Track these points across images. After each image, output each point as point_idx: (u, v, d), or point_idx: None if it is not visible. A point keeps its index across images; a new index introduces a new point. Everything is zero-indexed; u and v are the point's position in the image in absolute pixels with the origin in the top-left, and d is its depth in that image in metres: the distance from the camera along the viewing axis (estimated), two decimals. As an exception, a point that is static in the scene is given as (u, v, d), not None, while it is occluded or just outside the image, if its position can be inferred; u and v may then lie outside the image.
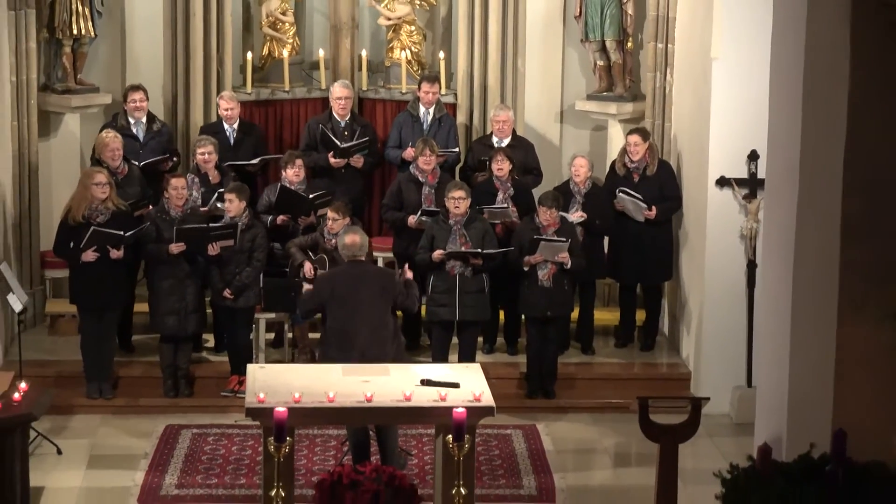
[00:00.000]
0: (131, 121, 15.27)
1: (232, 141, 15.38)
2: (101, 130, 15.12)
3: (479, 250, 14.21)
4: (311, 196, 14.81)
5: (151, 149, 15.21)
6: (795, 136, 10.90)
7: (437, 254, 14.19)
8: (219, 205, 14.61)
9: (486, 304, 14.47)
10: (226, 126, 15.43)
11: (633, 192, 14.94)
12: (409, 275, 12.96)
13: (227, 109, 15.44)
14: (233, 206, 14.37)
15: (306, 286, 13.74)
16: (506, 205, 14.85)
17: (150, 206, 14.59)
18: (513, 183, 14.99)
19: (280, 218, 14.80)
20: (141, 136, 15.26)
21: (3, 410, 9.65)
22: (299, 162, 14.94)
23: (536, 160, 15.53)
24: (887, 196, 10.30)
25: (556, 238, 14.25)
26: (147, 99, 15.34)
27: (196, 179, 14.85)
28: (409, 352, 14.12)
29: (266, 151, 15.68)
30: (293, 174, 14.89)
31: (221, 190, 14.66)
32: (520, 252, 14.35)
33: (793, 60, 10.98)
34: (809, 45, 10.73)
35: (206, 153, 14.96)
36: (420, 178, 14.97)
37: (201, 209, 14.64)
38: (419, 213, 14.81)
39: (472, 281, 14.26)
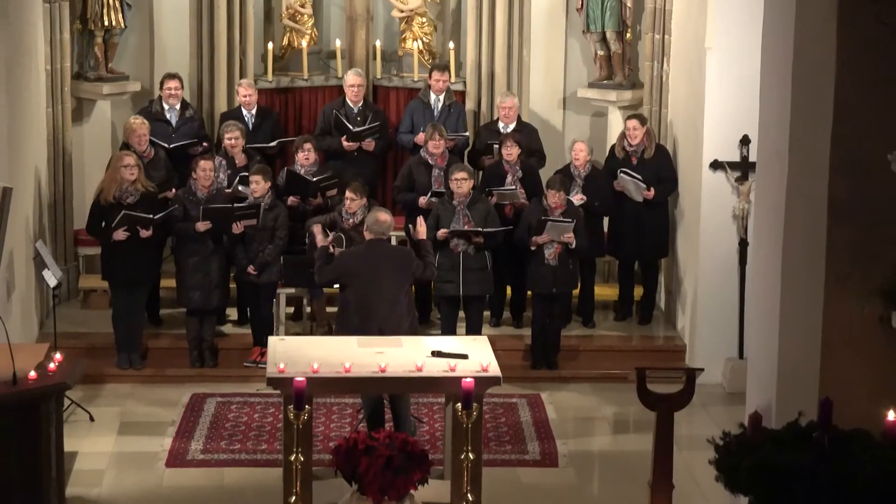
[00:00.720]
0: (165, 107, 15.30)
1: (251, 126, 15.40)
2: (134, 115, 15.16)
3: (481, 229, 14.23)
4: (315, 179, 14.83)
5: (183, 133, 15.23)
6: (784, 122, 10.90)
7: (441, 232, 14.23)
8: (241, 187, 14.63)
9: (489, 280, 14.49)
10: (244, 112, 15.45)
11: (633, 174, 14.94)
12: (422, 230, 12.92)
13: (245, 96, 15.46)
14: (258, 186, 14.41)
15: (320, 244, 13.73)
16: (514, 187, 14.86)
17: (175, 189, 14.61)
18: (521, 166, 15.01)
19: (290, 199, 14.83)
20: (174, 121, 15.28)
21: (38, 380, 9.67)
22: (308, 146, 14.97)
23: (540, 144, 15.55)
24: (872, 178, 10.29)
25: (561, 219, 14.27)
26: (182, 87, 15.39)
27: (223, 162, 14.88)
28: (420, 325, 14.12)
29: (283, 135, 15.73)
30: (303, 157, 14.94)
31: (245, 173, 14.69)
32: (528, 232, 14.37)
33: (782, 50, 10.98)
34: (798, 35, 10.72)
35: (233, 138, 14.99)
36: (430, 162, 14.99)
37: (226, 190, 14.66)
38: (429, 194, 14.83)
39: (475, 258, 14.29)
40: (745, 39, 13.15)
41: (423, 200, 14.80)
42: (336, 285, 13.08)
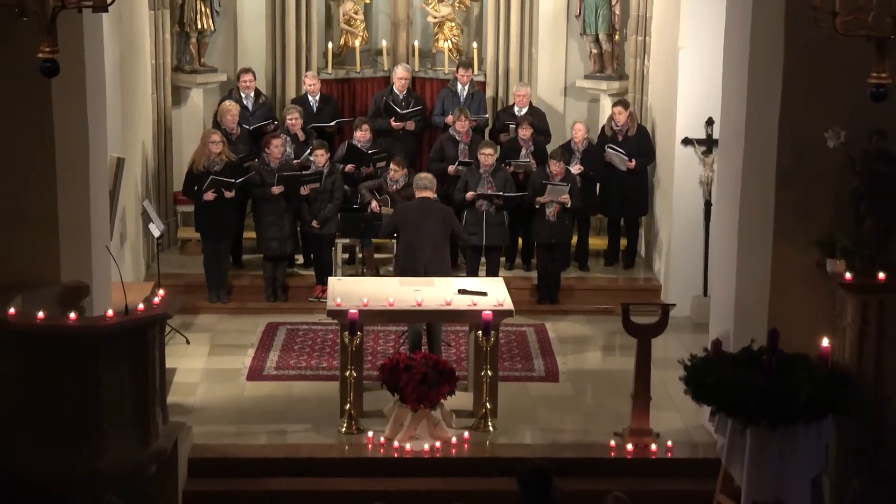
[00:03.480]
0: (242, 95, 15.25)
1: (315, 109, 15.37)
2: (221, 101, 15.17)
3: (501, 193, 14.23)
4: (370, 152, 14.87)
5: (257, 116, 15.20)
6: (742, 107, 10.88)
7: (469, 195, 14.21)
8: (310, 158, 14.66)
9: (505, 233, 14.48)
10: (310, 98, 15.43)
11: (618, 148, 14.93)
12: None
13: (310, 85, 15.45)
14: (321, 158, 14.44)
15: (374, 206, 13.96)
16: (528, 159, 14.87)
17: (255, 159, 14.62)
18: (533, 142, 15.00)
19: (347, 167, 14.83)
20: (250, 106, 15.25)
21: (145, 311, 9.68)
22: (366, 126, 15.00)
23: (546, 124, 15.52)
24: (812, 153, 10.28)
25: (559, 183, 14.26)
26: (255, 79, 15.33)
27: (288, 139, 14.87)
28: (451, 268, 14.13)
29: (341, 116, 15.69)
30: (361, 135, 14.94)
31: (310, 146, 14.71)
32: (533, 194, 14.36)
33: (740, 49, 10.94)
34: (754, 37, 10.70)
35: (293, 118, 14.99)
36: (457, 138, 14.98)
37: (294, 161, 14.67)
38: (457, 163, 14.82)
39: (496, 216, 14.27)
40: (710, 40, 13.07)
41: (451, 169, 14.80)
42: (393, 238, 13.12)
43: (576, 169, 14.75)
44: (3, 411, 9.41)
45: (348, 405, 11.31)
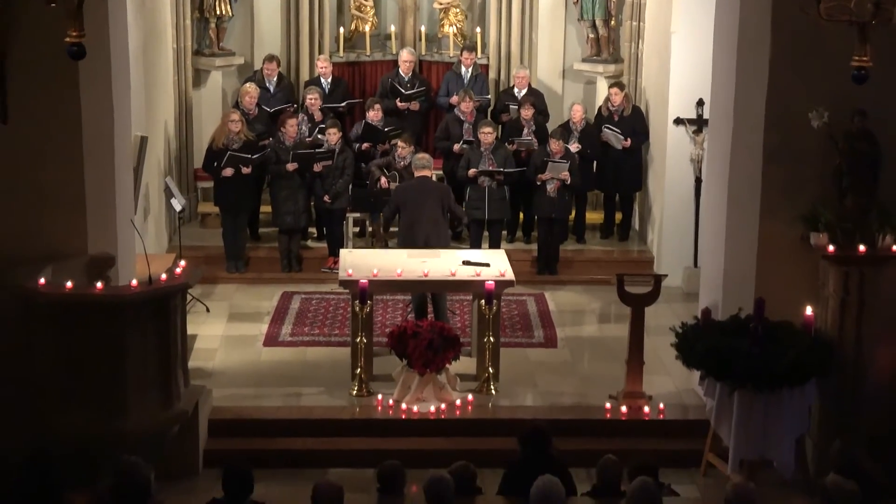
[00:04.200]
0: (265, 79, 15.26)
1: (327, 90, 15.34)
2: (244, 83, 15.14)
3: (502, 169, 14.21)
4: (386, 129, 14.82)
5: (278, 98, 15.19)
6: (730, 88, 10.86)
7: (472, 171, 14.19)
8: (319, 136, 14.63)
9: (506, 208, 14.47)
10: (322, 80, 15.39)
11: (614, 128, 14.90)
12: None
13: (322, 67, 15.42)
14: (333, 136, 14.42)
15: (383, 182, 13.97)
16: (529, 138, 14.83)
17: (270, 139, 14.62)
18: (534, 122, 14.99)
19: (364, 145, 14.80)
20: (272, 89, 15.22)
21: (168, 280, 9.70)
22: (378, 106, 14.97)
23: (545, 105, 15.48)
24: (796, 131, 10.27)
25: (560, 160, 14.24)
26: (279, 66, 15.36)
27: (305, 118, 14.87)
28: (454, 241, 14.11)
29: (351, 97, 15.67)
30: (374, 115, 14.90)
31: (322, 126, 14.68)
32: (534, 171, 14.34)
33: (729, 33, 10.92)
34: (742, 22, 10.67)
35: (313, 98, 14.97)
36: (462, 118, 14.95)
37: (307, 139, 14.66)
38: (461, 142, 14.81)
39: (497, 191, 14.26)
40: (701, 25, 13.03)
41: (456, 147, 14.78)
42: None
43: (574, 147, 14.72)
44: (34, 375, 9.45)
45: (359, 370, 11.33)
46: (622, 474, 8.09)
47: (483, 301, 11.37)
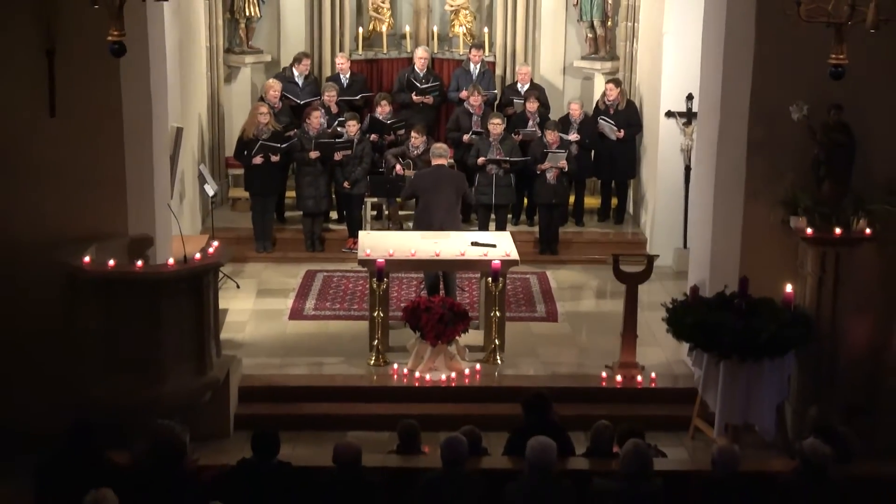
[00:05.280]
0: (295, 73, 15.23)
1: (345, 85, 15.32)
2: (272, 79, 15.14)
3: (508, 158, 14.18)
4: (388, 122, 14.88)
5: (306, 92, 15.19)
6: (717, 84, 10.83)
7: (481, 160, 14.17)
8: (339, 129, 14.62)
9: (512, 193, 14.45)
10: (341, 76, 15.37)
11: (610, 120, 14.88)
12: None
13: (341, 64, 15.41)
14: (352, 128, 14.41)
15: (398, 170, 14.02)
16: (534, 129, 14.81)
17: (295, 129, 14.61)
18: (539, 114, 14.97)
19: (372, 136, 14.80)
20: (300, 83, 15.22)
21: (201, 259, 9.70)
22: (385, 102, 15.00)
23: (546, 99, 15.45)
24: (778, 124, 10.25)
25: (558, 151, 14.23)
26: (311, 63, 15.39)
27: (323, 111, 14.85)
28: (463, 224, 14.09)
29: (368, 92, 15.64)
30: (381, 109, 14.95)
31: (341, 119, 14.67)
32: (534, 160, 14.33)
33: (717, 33, 10.88)
34: (729, 22, 10.64)
35: (331, 95, 14.94)
36: (470, 111, 14.95)
37: (327, 130, 14.66)
38: (470, 133, 14.80)
39: (503, 178, 14.23)
40: (690, 25, 12.99)
41: (466, 137, 14.76)
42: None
43: (573, 138, 14.72)
44: (79, 345, 9.47)
45: (376, 341, 11.34)
46: (614, 438, 8.11)
47: (490, 279, 11.37)
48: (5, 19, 9.59)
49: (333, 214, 15.17)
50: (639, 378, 11.07)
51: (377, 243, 11.96)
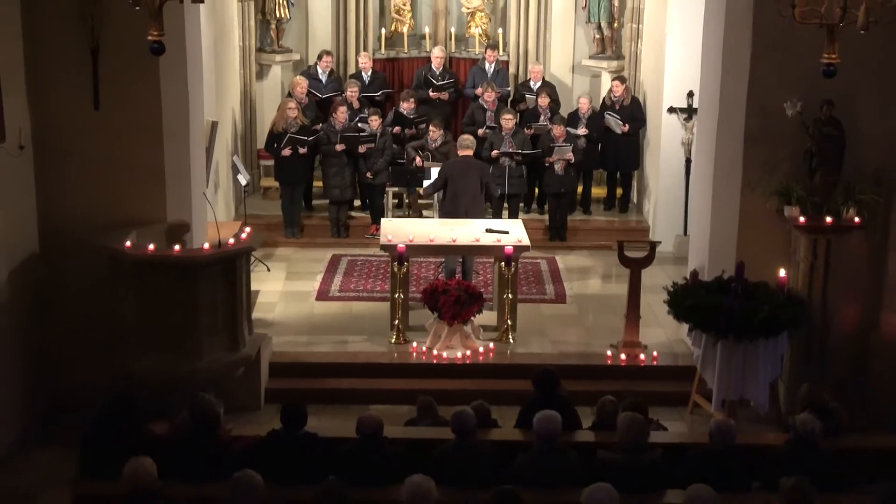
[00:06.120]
0: (319, 70, 15.21)
1: (366, 82, 15.30)
2: (299, 76, 15.13)
3: (520, 151, 14.15)
4: (412, 117, 14.84)
5: (329, 88, 15.17)
6: (716, 82, 10.78)
7: (495, 153, 14.14)
8: (360, 124, 14.61)
9: (524, 183, 14.42)
10: (363, 73, 15.35)
11: (615, 115, 14.84)
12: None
13: (364, 63, 15.39)
14: (375, 122, 14.39)
15: (417, 161, 13.96)
16: (545, 123, 14.77)
17: (322, 123, 14.60)
18: (549, 109, 14.93)
19: (395, 129, 14.78)
20: (324, 80, 15.21)
21: (234, 244, 9.72)
22: (412, 98, 14.96)
23: (556, 95, 15.41)
24: (773, 118, 10.21)
25: (564, 144, 14.21)
26: (333, 60, 15.35)
27: (346, 106, 14.85)
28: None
29: (388, 88, 15.62)
30: (406, 105, 14.89)
31: (363, 115, 14.65)
32: (543, 154, 14.30)
33: (716, 34, 10.83)
34: (727, 23, 10.59)
35: (353, 91, 14.91)
36: (484, 106, 14.91)
37: (350, 124, 14.64)
38: (484, 127, 14.76)
39: (515, 169, 14.20)
40: (691, 27, 12.93)
41: (480, 131, 14.69)
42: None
43: (582, 131, 14.69)
44: (121, 324, 9.49)
45: (397, 321, 11.34)
46: (618, 413, 8.09)
47: (503, 263, 11.35)
48: (54, 21, 9.62)
49: (357, 203, 15.17)
50: (641, 356, 11.05)
51: (398, 230, 11.95)
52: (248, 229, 10.27)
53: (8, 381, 9.38)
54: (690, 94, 13.99)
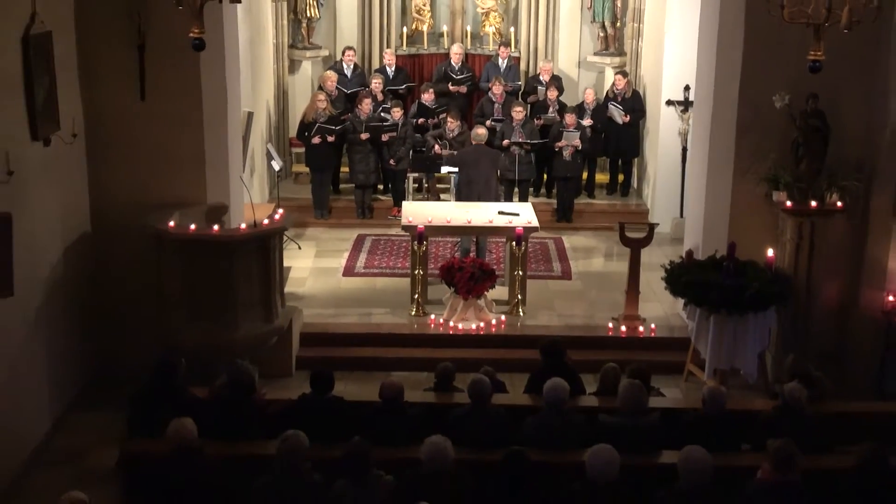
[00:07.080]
0: (344, 65, 15.19)
1: (390, 77, 15.26)
2: (329, 70, 15.11)
3: (529, 140, 14.11)
4: (434, 107, 14.78)
5: (354, 82, 15.13)
6: (711, 76, 10.74)
7: (505, 142, 14.08)
8: (383, 114, 14.59)
9: (533, 170, 14.36)
10: (388, 68, 15.30)
11: (618, 106, 14.79)
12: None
13: (388, 59, 15.34)
14: (397, 113, 14.37)
15: (436, 149, 13.97)
16: (553, 114, 14.72)
17: (348, 114, 14.59)
18: (557, 101, 14.87)
19: (419, 119, 14.75)
20: (349, 74, 15.18)
21: (269, 224, 9.74)
22: (432, 90, 14.92)
23: (563, 87, 15.36)
24: (763, 110, 10.17)
25: (572, 131, 14.17)
26: (355, 55, 15.31)
27: (370, 98, 14.83)
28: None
29: (410, 82, 15.58)
30: (427, 97, 14.85)
31: (386, 106, 14.63)
32: (553, 140, 14.25)
33: (711, 32, 10.79)
34: (721, 23, 10.54)
35: (377, 83, 14.88)
36: (493, 99, 14.88)
37: (374, 115, 14.62)
38: (491, 119, 14.70)
39: (525, 157, 14.15)
40: (688, 26, 12.87)
41: (488, 123, 14.55)
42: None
43: (587, 122, 14.65)
44: (166, 298, 9.54)
45: (416, 295, 11.36)
46: (620, 379, 8.09)
47: (514, 243, 11.35)
48: (104, 20, 9.64)
49: (381, 187, 15.17)
50: (640, 328, 11.05)
51: (418, 212, 11.95)
52: (280, 211, 10.28)
53: (65, 350, 9.44)
54: (687, 88, 13.93)
